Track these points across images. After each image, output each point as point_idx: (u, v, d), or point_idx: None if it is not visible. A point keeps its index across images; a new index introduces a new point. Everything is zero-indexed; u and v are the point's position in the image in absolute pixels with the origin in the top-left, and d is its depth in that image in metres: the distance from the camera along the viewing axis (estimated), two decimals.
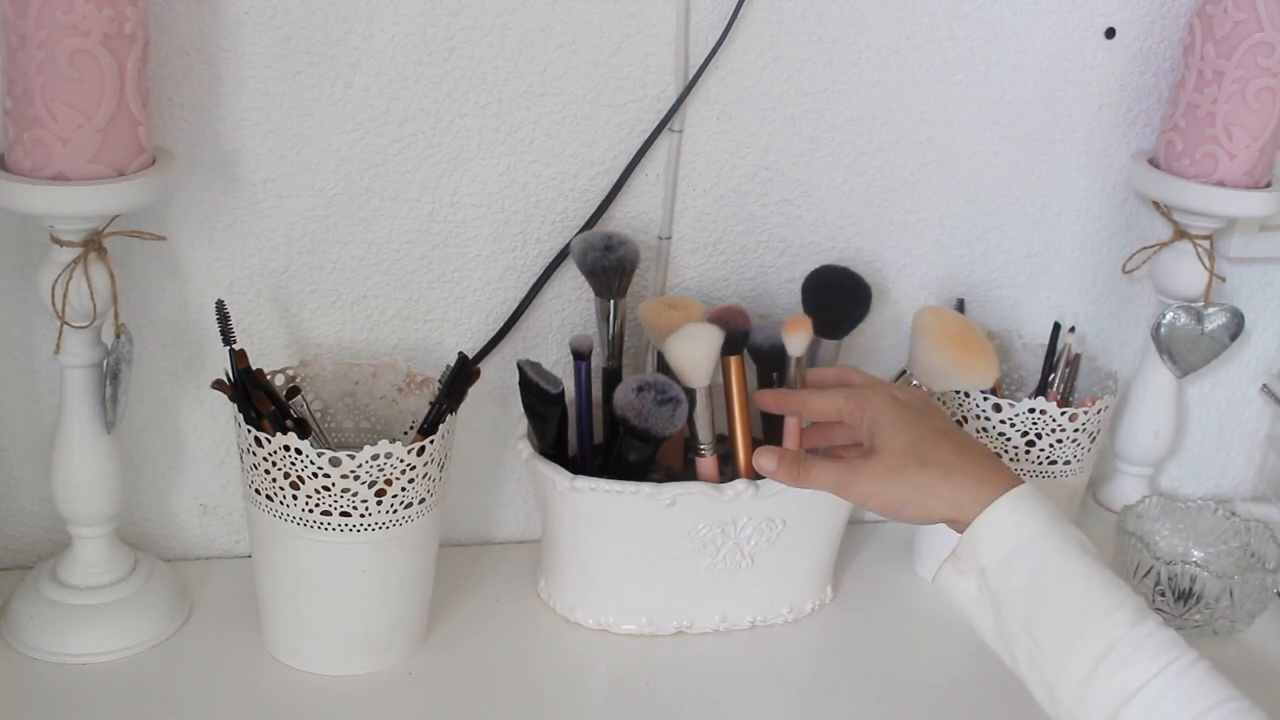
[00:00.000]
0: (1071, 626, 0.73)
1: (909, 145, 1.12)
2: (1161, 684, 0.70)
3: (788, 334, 0.98)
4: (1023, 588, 0.75)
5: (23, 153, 0.84)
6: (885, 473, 0.81)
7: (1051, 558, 0.75)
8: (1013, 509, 0.77)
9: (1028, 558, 0.75)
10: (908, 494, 0.80)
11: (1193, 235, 1.12)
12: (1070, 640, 0.73)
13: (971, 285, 1.18)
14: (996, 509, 0.77)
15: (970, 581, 0.77)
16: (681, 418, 0.96)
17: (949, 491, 0.79)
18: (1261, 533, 1.10)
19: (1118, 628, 0.72)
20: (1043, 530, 0.76)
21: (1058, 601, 0.74)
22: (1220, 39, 1.05)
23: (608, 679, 1.00)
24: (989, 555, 0.76)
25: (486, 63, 1.00)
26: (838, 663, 1.04)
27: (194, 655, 0.96)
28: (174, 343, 1.02)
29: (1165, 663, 0.70)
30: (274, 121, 0.98)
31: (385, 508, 0.90)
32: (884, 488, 0.81)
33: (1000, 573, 0.76)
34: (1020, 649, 0.75)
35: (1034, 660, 0.74)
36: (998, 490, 0.78)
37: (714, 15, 1.03)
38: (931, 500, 0.80)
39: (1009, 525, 0.77)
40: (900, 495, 0.81)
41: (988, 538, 0.77)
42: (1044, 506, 0.77)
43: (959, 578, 0.78)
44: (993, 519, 0.77)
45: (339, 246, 1.03)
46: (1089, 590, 0.73)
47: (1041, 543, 0.76)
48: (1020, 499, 0.77)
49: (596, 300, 1.04)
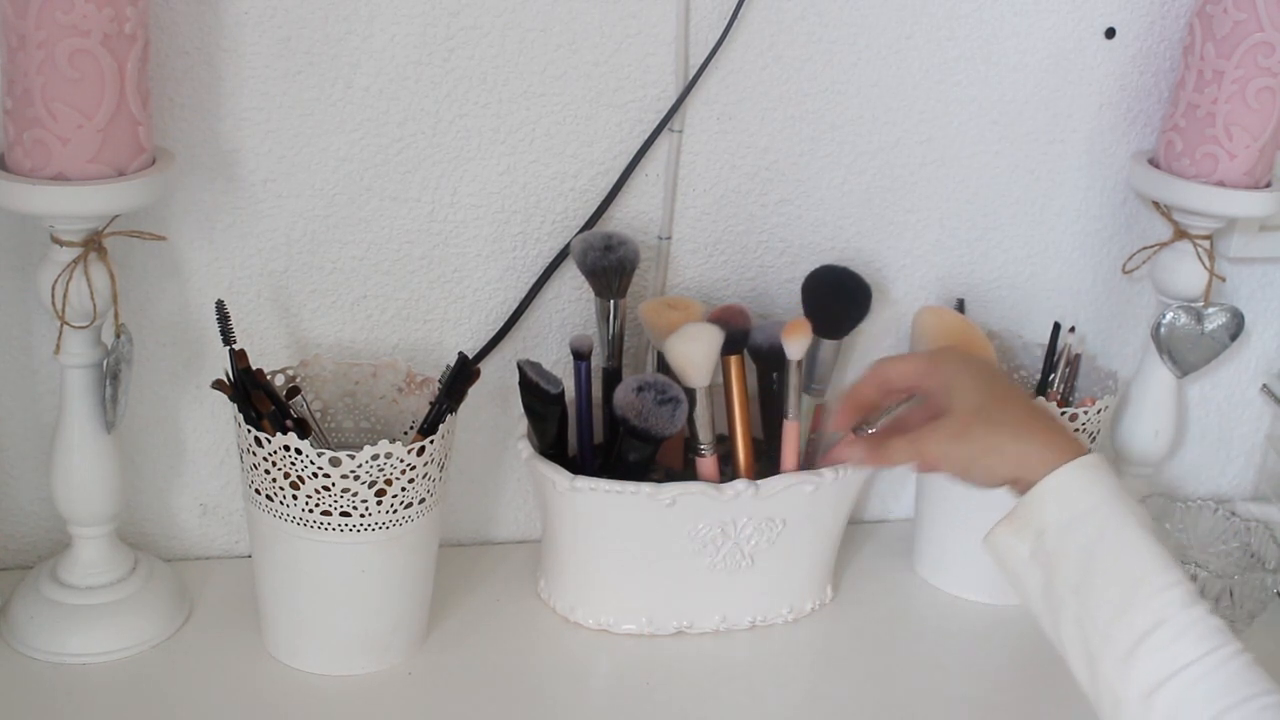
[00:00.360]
0: (1124, 597, 0.73)
1: (909, 145, 1.12)
2: (1204, 668, 0.70)
3: (787, 338, 0.99)
4: (1079, 553, 0.75)
5: (23, 153, 0.84)
6: (954, 433, 0.81)
7: (1112, 527, 0.75)
8: (1079, 475, 0.77)
9: (1089, 524, 0.75)
10: (976, 453, 0.80)
11: (1193, 235, 1.12)
12: (1120, 611, 0.73)
13: (971, 285, 1.18)
14: (1063, 473, 0.77)
15: (1025, 543, 0.77)
16: (681, 418, 0.96)
17: (1017, 452, 0.79)
18: (1261, 533, 1.10)
19: (1169, 606, 0.72)
20: (1106, 499, 0.76)
21: (1113, 571, 0.74)
22: (1220, 39, 1.04)
23: (608, 679, 1.00)
24: (1050, 517, 0.77)
25: (486, 63, 1.00)
26: (838, 663, 1.04)
27: (194, 655, 0.96)
28: (174, 343, 1.02)
29: (1210, 648, 0.70)
30: (274, 121, 0.98)
31: (385, 508, 0.90)
32: (952, 448, 0.81)
33: (1059, 536, 0.76)
34: (1066, 614, 0.75)
35: (1079, 626, 0.74)
36: (1066, 455, 0.78)
37: (714, 15, 1.03)
38: (998, 460, 0.80)
39: (1074, 490, 0.77)
40: (968, 454, 0.81)
41: (1051, 500, 0.77)
42: (1110, 477, 0.78)
43: (1013, 538, 0.78)
44: (1058, 482, 0.77)
45: (339, 246, 1.03)
46: (1145, 565, 0.74)
47: (1104, 510, 0.76)
48: (1087, 467, 0.77)
49: (596, 300, 1.04)
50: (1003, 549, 0.79)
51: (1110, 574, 0.74)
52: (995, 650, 1.07)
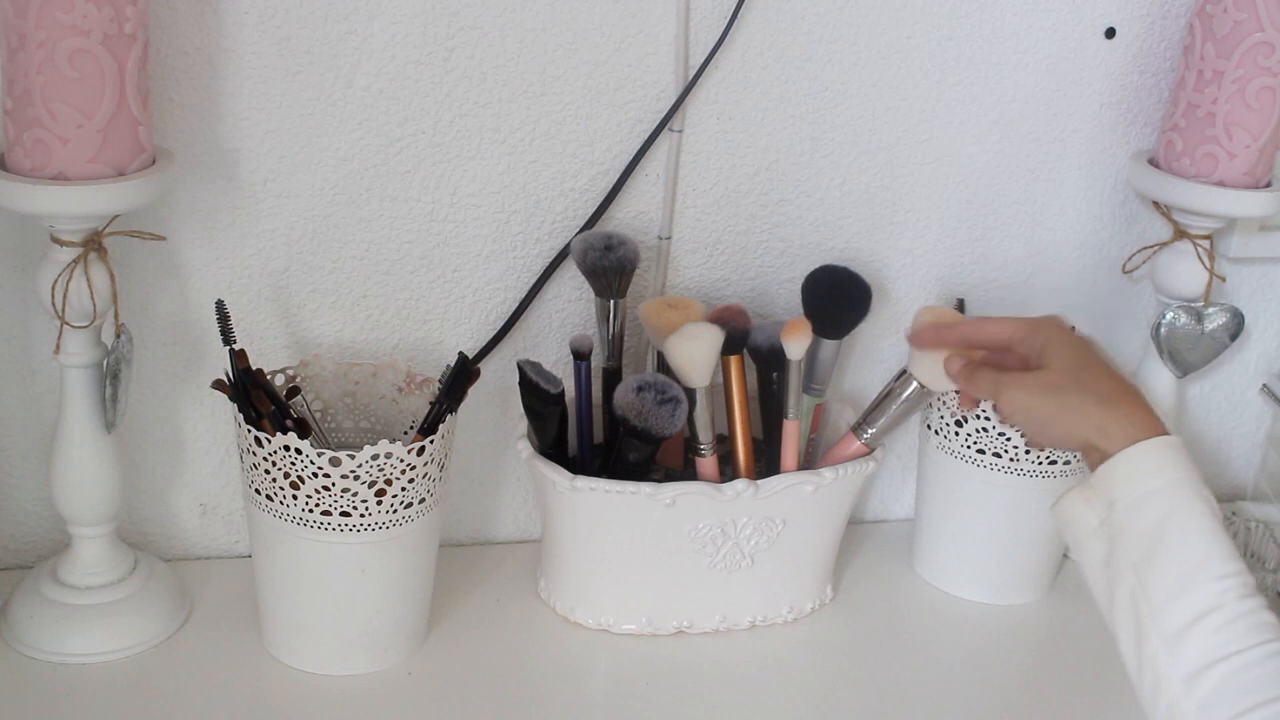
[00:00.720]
0: (1182, 580, 0.74)
1: (909, 145, 1.12)
2: (1252, 658, 0.70)
3: (787, 338, 0.99)
4: (1146, 529, 0.76)
5: (23, 153, 0.84)
6: (1042, 386, 0.82)
7: (1183, 509, 0.76)
8: (1157, 453, 0.78)
9: (1160, 502, 0.76)
10: (1058, 411, 0.81)
11: (1193, 235, 1.12)
12: (1177, 591, 0.73)
13: (971, 285, 1.18)
14: (1142, 448, 0.78)
15: (1095, 513, 0.78)
16: (681, 418, 0.96)
17: (1100, 417, 0.79)
18: (1261, 533, 1.10)
19: (1226, 593, 0.72)
20: (1181, 481, 0.77)
21: (1176, 551, 0.75)
22: (1220, 39, 1.04)
23: (608, 679, 1.00)
24: (1123, 489, 0.77)
25: (486, 63, 1.00)
26: (838, 663, 1.04)
27: (194, 655, 0.96)
28: (174, 343, 1.02)
29: (1260, 640, 0.71)
30: (274, 121, 0.98)
31: (385, 508, 0.90)
32: (1036, 399, 0.82)
33: (1128, 510, 0.77)
34: (1123, 588, 0.76)
35: (1134, 602, 0.75)
36: (1148, 432, 0.78)
37: (714, 15, 1.03)
38: (1080, 421, 0.80)
39: (1151, 466, 0.77)
40: (1050, 410, 0.81)
41: (1128, 473, 0.77)
42: (1187, 461, 0.78)
43: (1084, 507, 0.79)
44: (1137, 456, 0.77)
45: (339, 246, 1.03)
46: (1209, 550, 0.74)
47: (1176, 492, 0.76)
48: (1167, 446, 0.78)
49: (596, 300, 1.04)
50: (1071, 517, 0.80)
51: (1173, 554, 0.75)
52: (995, 650, 1.07)
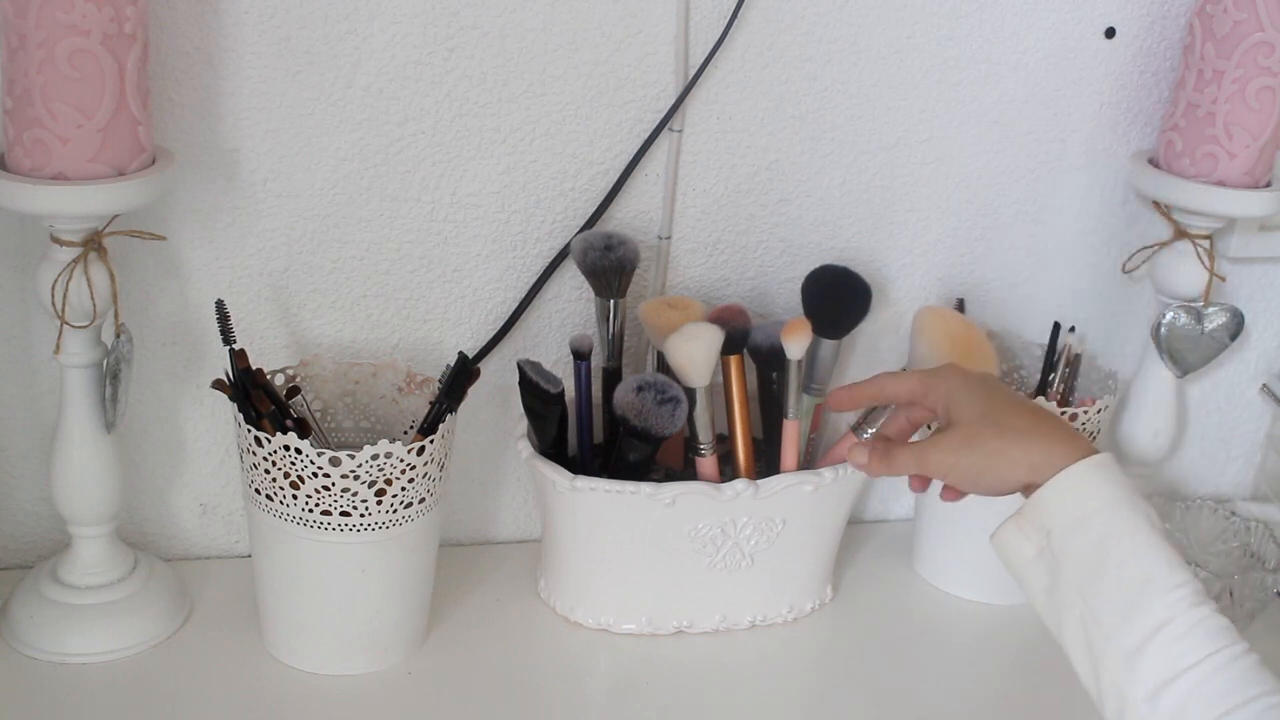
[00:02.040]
0: (1131, 598, 0.73)
1: (909, 145, 1.12)
2: (1210, 667, 0.70)
3: (787, 338, 0.99)
4: (1087, 553, 0.75)
5: (23, 152, 0.84)
6: (960, 442, 0.81)
7: (1120, 527, 0.75)
8: (1088, 475, 0.77)
9: (1097, 524, 0.75)
10: (984, 461, 0.80)
11: (1193, 235, 1.12)
12: (1127, 611, 0.73)
13: (971, 285, 1.18)
14: (1072, 473, 0.77)
15: (1031, 543, 0.77)
16: (681, 418, 0.96)
17: (1024, 455, 0.78)
18: (1261, 533, 1.10)
19: (1176, 605, 0.71)
20: (1116, 499, 0.76)
21: (1120, 571, 0.74)
22: (1220, 39, 1.04)
23: (608, 679, 1.00)
24: (1058, 517, 0.76)
25: (486, 63, 1.00)
26: (838, 663, 1.04)
27: (194, 655, 0.96)
28: (174, 343, 1.02)
29: (1217, 648, 0.70)
30: (274, 121, 0.98)
31: (385, 508, 0.90)
32: (960, 457, 0.81)
33: (1065, 536, 0.76)
34: (1071, 615, 0.75)
35: (1084, 627, 0.74)
36: (1075, 456, 0.77)
37: (714, 15, 1.03)
38: (1006, 465, 0.79)
39: (1083, 490, 0.76)
40: (977, 463, 0.80)
41: (1060, 500, 0.76)
42: (1119, 477, 0.77)
43: (1020, 537, 0.78)
44: (1067, 482, 0.77)
45: (339, 246, 1.03)
46: (1154, 565, 0.73)
47: (1113, 511, 0.75)
48: (1096, 466, 0.77)
49: (596, 300, 1.04)
50: (1009, 547, 0.79)
51: (1118, 575, 0.74)
52: (995, 650, 1.07)
